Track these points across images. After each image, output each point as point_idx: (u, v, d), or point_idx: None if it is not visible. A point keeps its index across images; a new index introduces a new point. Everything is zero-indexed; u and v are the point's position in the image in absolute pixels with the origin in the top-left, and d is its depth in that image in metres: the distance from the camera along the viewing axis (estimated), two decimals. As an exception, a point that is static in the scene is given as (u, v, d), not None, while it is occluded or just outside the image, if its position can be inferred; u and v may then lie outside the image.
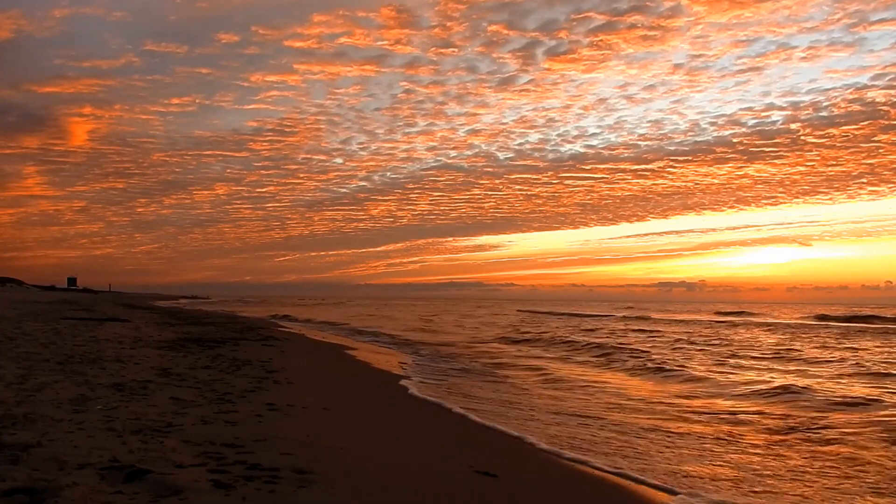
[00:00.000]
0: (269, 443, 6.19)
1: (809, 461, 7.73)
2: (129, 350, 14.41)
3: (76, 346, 14.50)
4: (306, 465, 5.47)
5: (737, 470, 7.23)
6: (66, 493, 4.27)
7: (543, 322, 47.70)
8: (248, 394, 9.29)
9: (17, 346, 13.62)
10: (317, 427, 7.49)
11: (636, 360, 18.85)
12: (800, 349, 23.40)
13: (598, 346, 23.48)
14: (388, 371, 15.51)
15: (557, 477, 6.74)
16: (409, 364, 17.66)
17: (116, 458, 5.21)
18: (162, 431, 6.35)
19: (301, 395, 9.79)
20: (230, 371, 11.85)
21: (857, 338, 30.28)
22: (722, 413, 10.86)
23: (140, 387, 9.07)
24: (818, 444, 8.62)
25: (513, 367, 17.79)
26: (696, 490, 6.38)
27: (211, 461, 5.36)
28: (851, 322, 48.34)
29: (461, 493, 5.56)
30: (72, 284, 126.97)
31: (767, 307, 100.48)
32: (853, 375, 15.66)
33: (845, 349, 23.56)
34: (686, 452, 8.02)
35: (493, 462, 6.77)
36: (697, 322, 48.66)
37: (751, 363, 18.72)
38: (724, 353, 22.02)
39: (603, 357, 20.24)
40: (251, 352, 16.05)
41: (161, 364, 12.09)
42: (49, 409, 6.98)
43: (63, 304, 45.25)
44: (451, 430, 8.86)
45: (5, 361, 10.80)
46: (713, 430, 9.42)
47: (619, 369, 17.57)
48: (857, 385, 13.89)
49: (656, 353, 21.02)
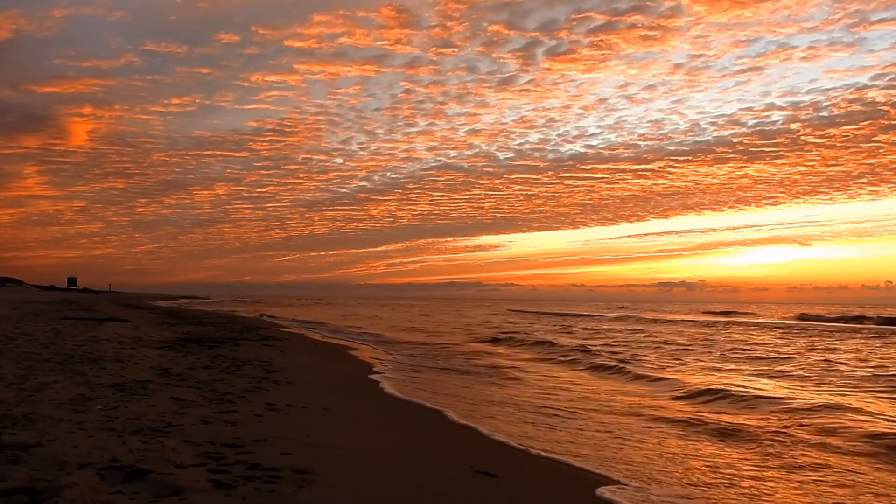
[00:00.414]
0: (269, 443, 6.19)
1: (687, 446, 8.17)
2: (129, 350, 14.41)
3: (76, 346, 14.50)
4: (306, 465, 5.47)
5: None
6: (66, 493, 4.27)
7: (531, 321, 48.42)
8: (248, 394, 9.29)
9: (17, 346, 13.62)
10: (317, 427, 7.49)
11: (597, 359, 19.48)
12: (757, 349, 23.83)
13: (569, 346, 23.99)
14: (371, 368, 15.51)
15: (557, 477, 6.74)
16: (388, 360, 17.73)
17: (116, 458, 5.21)
18: (162, 431, 6.36)
19: (301, 395, 9.79)
20: (230, 371, 11.86)
21: (828, 338, 30.59)
22: (644, 410, 11.06)
23: (140, 387, 9.07)
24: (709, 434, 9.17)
25: (476, 365, 17.96)
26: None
27: (211, 461, 5.36)
28: (836, 322, 47.99)
29: (461, 492, 5.56)
30: (72, 284, 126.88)
31: (756, 307, 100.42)
32: (784, 377, 15.83)
33: (807, 350, 23.82)
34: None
35: (493, 462, 6.78)
36: (683, 322, 48.24)
37: (701, 364, 19.10)
38: (679, 351, 22.82)
39: (569, 356, 20.95)
40: (251, 352, 16.06)
41: (161, 364, 12.09)
42: (49, 409, 6.98)
43: (63, 304, 45.26)
44: (451, 430, 8.86)
45: (5, 361, 10.80)
46: (622, 424, 9.71)
47: (578, 368, 18.23)
48: (777, 384, 14.29)
49: (618, 353, 21.65)
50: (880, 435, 8.71)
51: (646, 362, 18.76)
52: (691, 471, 7.13)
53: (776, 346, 25.77)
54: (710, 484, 6.64)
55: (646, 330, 36.74)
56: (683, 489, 6.41)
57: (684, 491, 6.35)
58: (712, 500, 6.12)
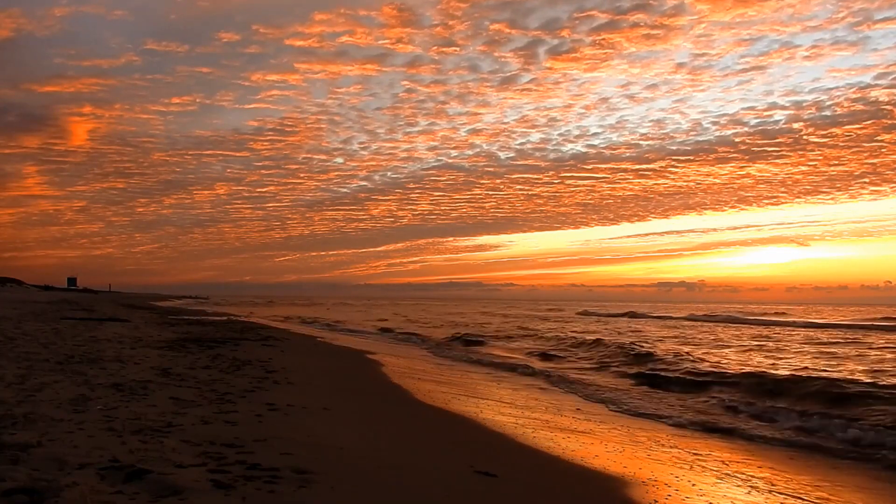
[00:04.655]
0: (269, 443, 6.19)
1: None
2: (129, 350, 14.40)
3: (76, 346, 14.50)
4: (306, 465, 5.47)
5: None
6: (66, 493, 4.27)
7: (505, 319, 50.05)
8: (248, 394, 9.29)
9: (17, 346, 13.62)
10: (317, 427, 7.49)
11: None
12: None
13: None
14: (382, 367, 15.51)
15: (557, 477, 6.74)
16: (387, 360, 17.73)
17: (116, 458, 5.21)
18: (162, 431, 6.35)
19: (301, 394, 9.78)
20: (230, 371, 11.85)
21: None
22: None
23: (140, 387, 9.07)
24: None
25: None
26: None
27: (211, 461, 5.36)
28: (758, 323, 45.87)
29: (461, 492, 5.56)
30: (72, 284, 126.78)
31: (741, 307, 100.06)
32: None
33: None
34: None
35: (493, 462, 6.77)
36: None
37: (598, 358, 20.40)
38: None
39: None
40: (251, 352, 16.05)
41: (161, 364, 12.08)
42: (49, 409, 6.98)
43: (63, 304, 45.24)
44: (451, 430, 8.86)
45: (5, 361, 10.80)
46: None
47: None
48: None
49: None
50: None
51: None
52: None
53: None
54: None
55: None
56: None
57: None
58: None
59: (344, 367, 15.94)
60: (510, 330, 36.56)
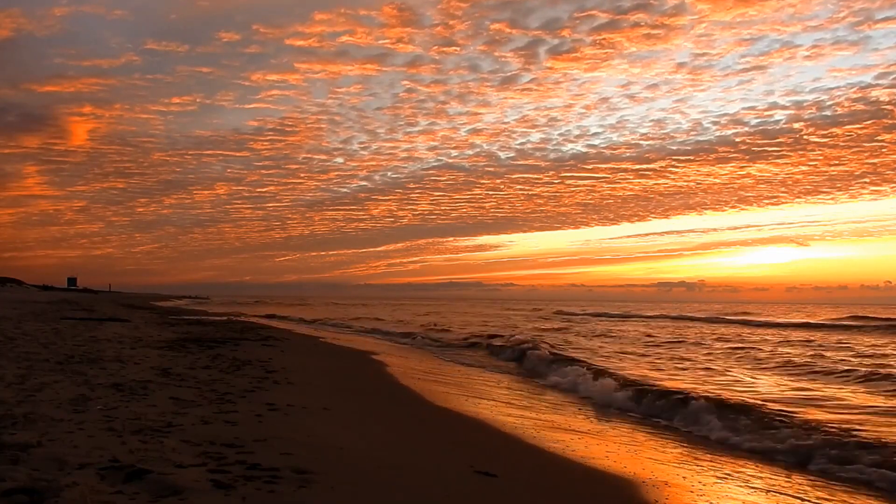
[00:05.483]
0: (269, 443, 6.19)
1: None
2: (129, 350, 14.41)
3: (76, 346, 14.50)
4: (306, 465, 5.47)
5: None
6: (66, 493, 4.27)
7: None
8: (248, 394, 9.29)
9: (17, 346, 13.62)
10: (317, 427, 7.49)
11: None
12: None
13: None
14: (382, 365, 15.52)
15: (557, 477, 6.74)
16: (387, 359, 17.72)
17: (116, 458, 5.21)
18: (162, 431, 6.35)
19: (301, 394, 9.78)
20: (230, 371, 11.85)
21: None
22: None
23: (140, 387, 9.07)
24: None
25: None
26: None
27: (211, 461, 5.36)
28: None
29: (461, 492, 5.56)
30: (72, 284, 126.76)
31: (723, 305, 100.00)
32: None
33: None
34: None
35: (493, 462, 6.78)
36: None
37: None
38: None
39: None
40: (251, 352, 16.05)
41: (161, 364, 12.08)
42: (49, 409, 6.98)
43: (63, 304, 45.23)
44: (451, 430, 8.86)
45: (5, 361, 10.80)
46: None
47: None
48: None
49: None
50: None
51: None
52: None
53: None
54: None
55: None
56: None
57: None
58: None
59: (344, 367, 15.95)
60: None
